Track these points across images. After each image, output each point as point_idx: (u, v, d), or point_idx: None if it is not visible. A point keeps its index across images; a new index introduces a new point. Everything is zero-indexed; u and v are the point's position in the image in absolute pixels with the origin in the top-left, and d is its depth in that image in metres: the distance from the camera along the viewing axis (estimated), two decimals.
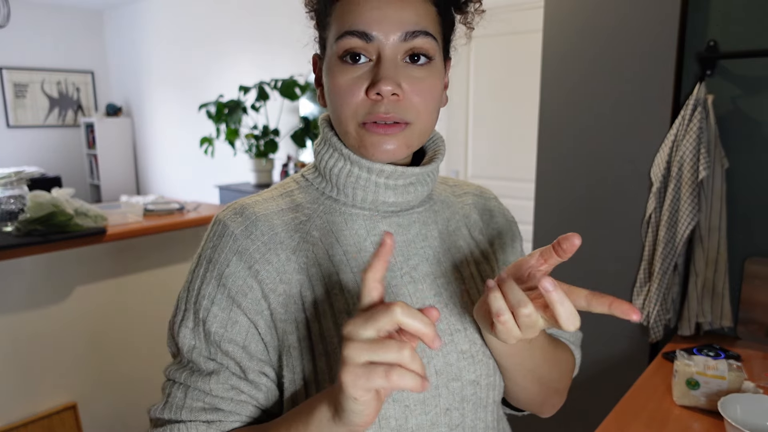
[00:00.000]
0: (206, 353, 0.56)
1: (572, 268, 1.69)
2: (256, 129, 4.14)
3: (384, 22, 0.53)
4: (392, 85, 0.53)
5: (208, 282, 0.56)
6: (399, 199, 0.60)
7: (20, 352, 1.74)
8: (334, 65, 0.56)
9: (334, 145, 0.60)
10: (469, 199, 0.72)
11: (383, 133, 0.55)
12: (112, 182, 6.21)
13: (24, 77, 5.94)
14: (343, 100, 0.55)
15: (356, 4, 0.54)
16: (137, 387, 2.06)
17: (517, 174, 3.09)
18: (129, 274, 2.00)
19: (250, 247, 0.56)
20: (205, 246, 0.59)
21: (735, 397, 0.98)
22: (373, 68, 0.54)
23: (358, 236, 0.60)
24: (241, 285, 0.55)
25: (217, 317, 0.55)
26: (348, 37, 0.54)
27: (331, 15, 0.57)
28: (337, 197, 0.61)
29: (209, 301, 0.55)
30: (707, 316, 1.43)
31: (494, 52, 3.08)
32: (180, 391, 0.56)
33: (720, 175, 1.39)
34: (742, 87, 1.40)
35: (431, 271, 0.62)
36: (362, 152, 0.57)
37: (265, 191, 0.65)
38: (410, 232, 0.62)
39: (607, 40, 1.54)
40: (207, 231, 0.61)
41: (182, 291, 0.59)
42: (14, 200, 1.79)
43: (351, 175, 0.59)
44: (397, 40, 0.54)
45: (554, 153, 1.68)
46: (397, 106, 0.54)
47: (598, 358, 1.66)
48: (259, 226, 0.58)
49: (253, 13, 4.51)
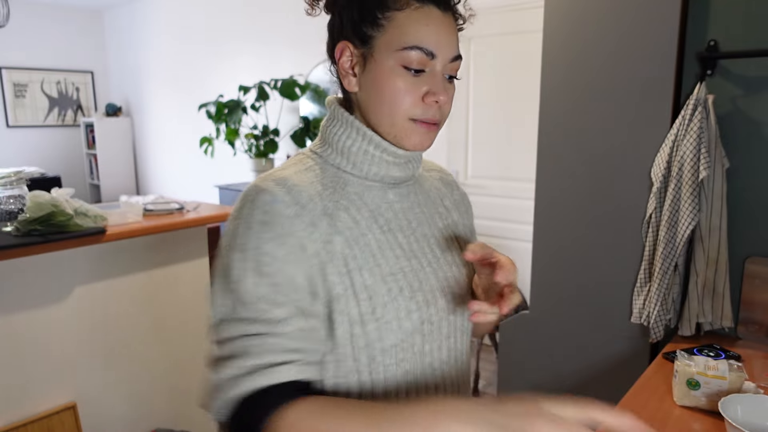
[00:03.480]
0: (273, 303, 0.62)
1: (572, 268, 1.69)
2: (256, 129, 4.14)
3: (443, 47, 0.68)
4: (446, 96, 0.69)
5: (266, 241, 0.63)
6: (401, 174, 0.75)
7: (20, 352, 1.73)
8: (394, 69, 0.67)
9: (357, 127, 0.72)
10: (435, 174, 0.89)
11: (429, 129, 0.70)
12: (112, 182, 6.20)
13: (23, 77, 5.94)
14: (401, 99, 0.68)
15: (425, 24, 0.66)
16: (137, 387, 2.06)
17: (517, 174, 3.09)
18: (129, 274, 2.00)
19: (301, 213, 0.65)
20: (252, 213, 0.64)
21: (735, 397, 0.98)
22: (425, 78, 0.68)
23: (374, 203, 0.73)
24: (298, 244, 0.64)
25: (281, 271, 0.63)
26: (416, 51, 0.66)
27: (387, 19, 0.67)
28: (352, 171, 0.73)
29: (271, 257, 0.63)
30: (708, 316, 1.43)
31: (494, 52, 3.08)
32: (256, 339, 0.61)
33: (720, 175, 1.39)
34: (743, 87, 1.40)
35: (427, 232, 0.78)
36: (402, 140, 0.70)
37: (287, 167, 0.72)
38: (409, 200, 0.78)
39: (608, 40, 1.54)
40: (245, 201, 0.66)
41: (232, 255, 0.63)
42: (14, 200, 1.79)
43: (367, 153, 0.72)
44: (447, 61, 0.69)
45: (554, 153, 1.68)
46: (438, 111, 0.70)
47: (598, 358, 1.66)
48: (302, 194, 0.67)
49: (253, 12, 4.51)
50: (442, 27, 0.67)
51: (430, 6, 0.67)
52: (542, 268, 1.75)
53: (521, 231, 3.08)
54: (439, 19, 0.67)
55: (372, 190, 0.73)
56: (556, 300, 1.72)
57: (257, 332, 0.61)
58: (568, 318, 1.71)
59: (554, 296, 1.72)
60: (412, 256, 0.73)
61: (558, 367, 1.76)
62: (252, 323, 0.61)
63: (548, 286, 1.73)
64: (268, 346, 0.60)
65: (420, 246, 0.75)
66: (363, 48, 0.69)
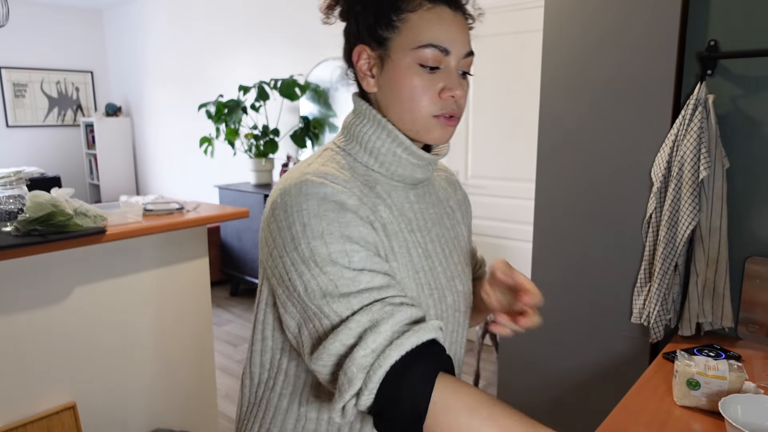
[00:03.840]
0: (373, 272, 0.64)
1: (572, 268, 1.69)
2: (256, 129, 4.14)
3: (457, 43, 0.70)
4: (461, 90, 0.72)
5: (347, 224, 0.65)
6: (423, 176, 0.78)
7: (19, 352, 1.73)
8: (411, 67, 0.70)
9: (388, 129, 0.74)
10: (442, 174, 0.92)
11: (448, 123, 0.73)
12: (112, 182, 6.20)
13: (23, 77, 5.94)
14: (421, 96, 0.70)
15: (438, 23, 0.69)
16: (137, 387, 2.06)
17: (517, 174, 3.09)
18: (129, 274, 2.00)
19: (359, 206, 0.68)
20: (316, 204, 0.65)
21: (736, 397, 0.98)
22: (441, 74, 0.71)
23: (399, 203, 0.76)
24: (370, 224, 0.68)
25: (368, 244, 0.66)
26: (431, 48, 0.69)
27: (401, 20, 0.70)
28: (379, 170, 0.75)
29: (357, 234, 0.65)
30: (708, 317, 1.43)
31: (494, 52, 3.08)
32: (377, 305, 0.62)
33: (720, 174, 1.39)
34: (743, 87, 1.40)
35: (438, 232, 0.81)
36: (425, 135, 0.73)
37: (323, 163, 0.73)
38: (425, 201, 0.81)
39: (608, 40, 1.54)
40: (298, 196, 0.66)
41: (313, 242, 0.63)
42: (13, 200, 1.78)
43: (395, 155, 0.74)
44: (461, 57, 0.71)
45: (554, 153, 1.68)
46: (456, 105, 0.72)
47: (599, 359, 1.66)
48: (348, 187, 0.69)
49: (253, 12, 4.51)
50: (453, 25, 0.70)
51: (441, 6, 0.70)
52: (542, 268, 1.75)
53: (521, 231, 3.08)
54: (451, 17, 0.71)
55: (397, 190, 0.77)
56: (556, 300, 1.72)
57: (374, 299, 0.62)
58: (568, 318, 1.71)
59: (554, 296, 1.72)
60: (428, 255, 0.77)
61: (558, 367, 1.76)
62: (362, 293, 0.62)
63: (548, 286, 1.73)
64: (392, 309, 0.61)
65: (434, 246, 0.79)
66: (380, 50, 0.72)
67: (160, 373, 2.13)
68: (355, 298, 0.62)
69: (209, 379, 2.29)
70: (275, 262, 0.67)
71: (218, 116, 4.12)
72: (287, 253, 0.65)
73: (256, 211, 3.94)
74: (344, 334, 0.60)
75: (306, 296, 0.63)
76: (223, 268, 4.47)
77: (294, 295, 0.64)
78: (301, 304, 0.64)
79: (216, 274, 4.34)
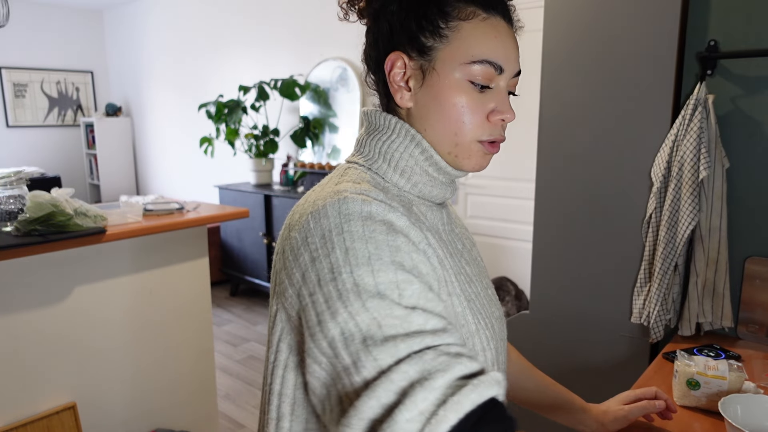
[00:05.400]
0: (426, 311, 0.51)
1: (572, 268, 1.69)
2: (256, 129, 4.14)
3: (510, 61, 0.63)
4: (512, 114, 0.63)
5: (399, 249, 0.54)
6: (449, 195, 0.71)
7: (19, 352, 1.73)
8: (460, 84, 0.61)
9: (424, 149, 0.65)
10: None
11: (491, 151, 0.65)
12: (112, 182, 6.20)
13: (23, 77, 5.94)
14: (467, 117, 0.62)
15: (494, 37, 0.61)
16: (137, 387, 2.06)
17: (517, 174, 3.09)
18: (129, 274, 2.00)
19: (409, 227, 0.59)
20: (346, 232, 0.53)
21: (735, 397, 0.98)
22: (491, 94, 0.63)
23: (435, 225, 0.68)
24: (416, 259, 0.55)
25: (421, 275, 0.55)
26: (486, 65, 0.61)
27: (451, 29, 0.61)
28: (410, 191, 0.67)
29: (410, 263, 0.54)
30: (708, 317, 1.43)
31: None
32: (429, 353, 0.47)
33: (720, 175, 1.39)
34: (743, 87, 1.40)
35: (471, 254, 0.75)
36: (463, 161, 0.65)
37: (355, 180, 0.63)
38: (450, 220, 0.74)
39: (608, 40, 1.54)
40: (328, 222, 0.54)
41: (358, 270, 0.51)
42: (13, 200, 1.78)
43: (429, 176, 0.66)
44: (511, 76, 0.64)
45: (554, 153, 1.68)
46: (503, 130, 0.65)
47: (598, 359, 1.66)
48: (394, 206, 0.59)
49: (253, 13, 4.51)
50: (508, 40, 0.63)
51: (497, 17, 0.62)
52: (542, 268, 1.75)
53: (521, 231, 3.08)
54: (506, 31, 0.63)
55: (431, 211, 0.69)
56: (556, 300, 1.72)
57: (426, 345, 0.47)
58: (568, 318, 1.71)
59: (554, 296, 1.72)
60: (470, 281, 0.68)
61: (558, 366, 1.76)
62: (411, 338, 0.47)
63: (548, 286, 1.73)
64: (449, 360, 0.46)
65: (471, 270, 0.70)
66: (421, 60, 0.63)
67: (161, 373, 2.13)
68: (403, 342, 0.46)
69: (209, 379, 2.29)
70: (304, 307, 0.52)
71: (218, 116, 4.12)
72: (321, 288, 0.51)
73: (256, 211, 3.94)
74: (383, 389, 0.44)
75: (341, 343, 0.48)
76: (223, 268, 4.47)
77: (323, 344, 0.49)
78: (333, 354, 0.48)
79: (216, 274, 4.34)
